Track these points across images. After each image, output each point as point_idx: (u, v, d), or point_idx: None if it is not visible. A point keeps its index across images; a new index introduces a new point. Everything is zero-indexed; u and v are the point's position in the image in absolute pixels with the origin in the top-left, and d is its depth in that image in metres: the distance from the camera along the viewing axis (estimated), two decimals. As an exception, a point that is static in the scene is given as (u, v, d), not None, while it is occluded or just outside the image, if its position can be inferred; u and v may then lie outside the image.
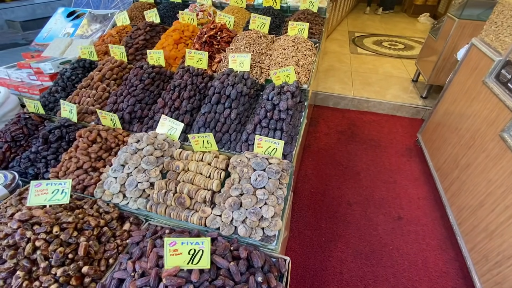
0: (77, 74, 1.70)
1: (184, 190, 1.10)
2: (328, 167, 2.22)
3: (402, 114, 2.92)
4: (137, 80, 1.53)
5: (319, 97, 3.06)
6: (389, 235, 1.72)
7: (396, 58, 4.10)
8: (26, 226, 0.92)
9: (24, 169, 1.30)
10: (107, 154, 1.29)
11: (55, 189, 1.04)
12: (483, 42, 1.75)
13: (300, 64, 1.56)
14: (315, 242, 1.66)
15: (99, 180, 1.21)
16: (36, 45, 2.29)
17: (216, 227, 1.03)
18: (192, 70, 1.53)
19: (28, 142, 1.42)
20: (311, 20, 1.87)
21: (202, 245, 0.78)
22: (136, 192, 1.14)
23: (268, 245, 0.99)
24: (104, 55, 1.85)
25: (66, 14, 2.40)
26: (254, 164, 1.11)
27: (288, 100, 1.31)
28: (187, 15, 1.90)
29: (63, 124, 1.39)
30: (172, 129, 1.35)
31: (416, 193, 2.01)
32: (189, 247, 0.78)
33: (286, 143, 1.25)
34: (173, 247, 0.77)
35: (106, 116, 1.38)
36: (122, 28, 2.02)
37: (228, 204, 1.03)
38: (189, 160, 1.22)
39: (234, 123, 1.35)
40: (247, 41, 1.65)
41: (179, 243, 0.78)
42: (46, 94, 1.64)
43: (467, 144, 1.69)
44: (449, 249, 1.64)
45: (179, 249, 0.78)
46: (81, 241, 0.93)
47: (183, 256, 0.78)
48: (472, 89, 1.75)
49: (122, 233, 1.04)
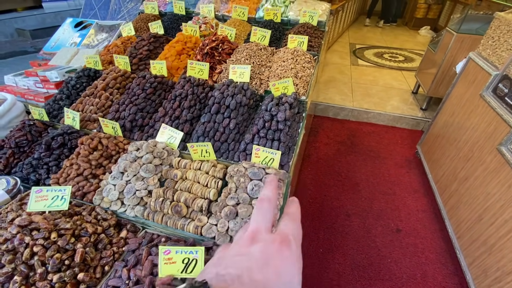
0: (81, 82, 1.74)
1: (181, 199, 1.12)
2: (327, 177, 2.23)
3: (402, 126, 2.94)
4: (139, 89, 1.57)
5: (319, 108, 3.09)
6: (388, 247, 1.71)
7: (396, 70, 4.14)
8: (25, 232, 0.94)
9: (26, 175, 1.32)
10: (107, 161, 1.31)
11: (55, 195, 1.06)
12: (480, 56, 1.78)
13: (299, 76, 1.59)
14: (312, 253, 1.65)
15: (99, 187, 1.23)
16: (44, 53, 2.35)
17: (212, 236, 1.03)
18: (193, 80, 1.57)
19: (32, 149, 1.45)
20: (311, 33, 1.92)
21: (196, 254, 0.79)
22: (134, 200, 1.15)
23: (263, 255, 0.99)
24: (109, 65, 1.89)
25: (74, 24, 2.48)
26: (251, 174, 1.12)
27: (286, 111, 1.34)
28: (190, 27, 1.96)
29: (66, 131, 1.42)
30: (172, 138, 1.37)
31: (415, 206, 2.00)
32: (183, 256, 0.79)
33: (283, 154, 1.26)
34: (167, 255, 0.78)
35: (108, 124, 1.41)
36: (127, 38, 2.08)
37: (224, 213, 1.04)
38: (187, 169, 1.24)
39: (233, 133, 1.38)
40: (248, 53, 1.70)
41: (173, 252, 0.79)
42: (51, 102, 1.68)
43: (465, 156, 1.69)
44: (449, 263, 1.62)
45: (173, 257, 0.78)
46: (78, 248, 0.94)
47: (177, 264, 0.79)
48: (470, 102, 1.76)
49: (119, 240, 1.05)
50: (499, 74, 1.53)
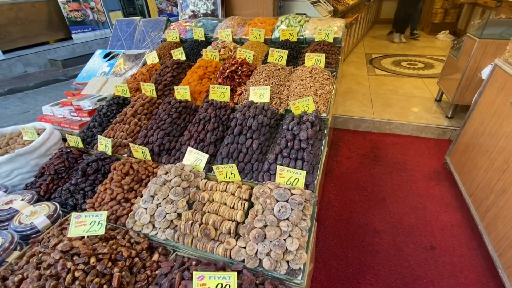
0: (112, 110, 1.86)
1: (210, 221, 1.14)
2: (352, 193, 2.18)
3: (427, 135, 2.84)
4: (165, 114, 1.65)
5: (339, 120, 3.06)
6: (422, 266, 1.62)
7: (416, 77, 4.05)
8: (67, 257, 1.00)
9: (65, 200, 1.41)
10: (138, 185, 1.37)
11: (93, 220, 1.12)
12: (507, 63, 1.71)
13: (318, 94, 1.60)
14: (341, 273, 1.60)
15: (131, 210, 1.28)
16: (77, 84, 2.54)
17: (241, 259, 1.04)
18: (215, 104, 1.63)
19: (69, 175, 1.55)
20: (327, 50, 1.94)
21: (228, 279, 0.80)
22: (165, 223, 1.19)
23: (294, 279, 0.98)
24: (136, 92, 2.01)
25: (103, 55, 2.67)
26: (277, 195, 1.13)
27: (308, 129, 1.35)
28: (210, 52, 2.05)
29: (99, 157, 1.52)
30: (198, 160, 1.42)
31: (449, 220, 1.89)
32: (217, 281, 0.80)
33: (308, 173, 1.27)
34: (201, 281, 0.80)
35: (137, 149, 1.49)
36: (151, 66, 2.21)
37: (252, 236, 1.05)
38: (214, 191, 1.27)
39: (256, 153, 1.40)
40: (266, 74, 1.74)
41: (207, 277, 0.80)
42: (85, 129, 1.81)
43: (500, 168, 1.60)
44: (491, 283, 1.51)
45: (207, 283, 0.80)
46: (115, 272, 0.98)
47: (211, 290, 0.80)
48: (501, 110, 1.69)
49: (152, 264, 1.08)
50: (531, 81, 1.46)
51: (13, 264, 1.09)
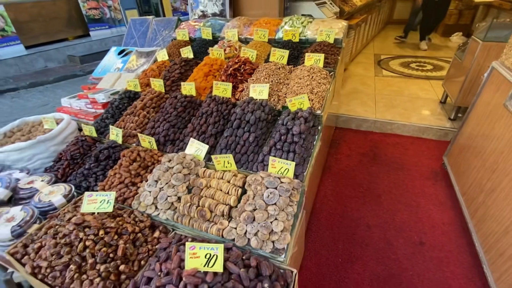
0: (123, 103, 2.01)
1: (206, 204, 1.26)
2: (348, 189, 2.25)
3: (428, 137, 2.87)
4: (171, 108, 1.78)
5: (341, 119, 3.13)
6: (410, 260, 1.69)
7: (423, 79, 4.04)
8: (80, 229, 1.14)
9: (79, 183, 1.57)
10: (144, 171, 1.51)
11: (103, 199, 1.26)
12: (503, 66, 1.75)
13: (314, 92, 1.69)
14: (331, 262, 1.69)
15: (137, 193, 1.42)
16: (93, 78, 2.72)
17: (231, 238, 1.15)
18: (218, 99, 1.75)
19: (83, 160, 1.71)
20: (327, 50, 2.02)
21: (216, 250, 0.92)
22: (166, 205, 1.32)
23: (277, 257, 1.09)
24: (146, 87, 2.16)
25: (118, 52, 2.84)
26: (267, 183, 1.24)
27: (301, 125, 1.45)
28: (216, 50, 2.17)
29: (110, 146, 1.66)
30: (199, 150, 1.54)
31: (441, 218, 1.95)
32: (206, 251, 0.92)
33: (298, 164, 1.36)
34: (193, 250, 0.92)
35: (145, 139, 1.63)
36: (161, 63, 2.35)
37: (242, 218, 1.16)
38: (211, 178, 1.38)
39: (252, 146, 1.51)
40: (267, 72, 1.85)
41: (198, 248, 0.92)
42: (98, 120, 1.96)
43: (491, 167, 1.65)
44: (476, 278, 1.56)
45: (197, 252, 0.92)
46: (120, 244, 1.12)
47: (201, 259, 0.92)
48: (494, 112, 1.73)
49: (153, 239, 1.22)
50: (522, 84, 1.50)
51: (33, 235, 1.24)
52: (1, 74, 6.36)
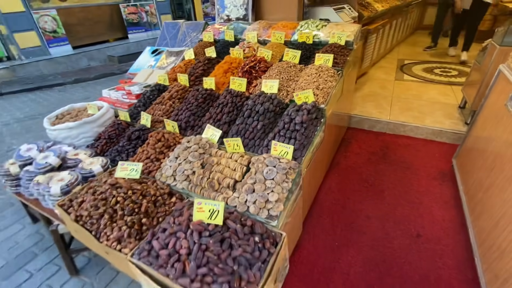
0: (154, 94, 2.31)
1: (215, 177, 1.48)
2: (353, 183, 2.36)
3: (442, 140, 2.87)
4: (193, 99, 2.04)
5: (354, 120, 3.22)
6: (404, 249, 1.78)
7: (445, 84, 3.99)
8: (113, 188, 1.41)
9: (113, 157, 1.87)
10: (167, 150, 1.77)
11: (132, 168, 1.53)
12: (508, 68, 1.80)
13: (320, 88, 1.86)
14: (328, 245, 1.83)
15: (160, 167, 1.68)
16: (129, 74, 3.09)
17: (234, 205, 1.36)
18: (233, 92, 1.98)
19: (118, 140, 2.02)
20: (337, 52, 2.18)
21: (218, 206, 1.13)
22: (183, 177, 1.56)
23: (271, 222, 1.27)
24: (174, 81, 2.45)
25: (151, 51, 3.20)
26: (268, 162, 1.43)
27: (303, 115, 1.63)
28: (236, 50, 2.41)
29: (141, 128, 1.95)
30: (213, 135, 1.77)
31: (442, 215, 2.00)
32: (209, 207, 1.13)
33: (297, 150, 1.54)
34: (199, 206, 1.14)
35: (169, 124, 1.90)
36: (188, 61, 2.64)
37: (244, 189, 1.36)
38: (222, 157, 1.61)
39: (259, 132, 1.71)
40: (279, 70, 2.04)
41: (203, 203, 1.14)
42: (132, 108, 2.28)
43: (490, 166, 1.70)
44: (467, 270, 1.62)
45: (203, 207, 1.13)
46: (143, 202, 1.37)
47: (205, 213, 1.14)
48: (497, 113, 1.78)
49: (170, 203, 1.46)
50: (521, 85, 1.56)
51: (76, 193, 1.54)
52: (52, 71, 7.17)
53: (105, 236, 1.28)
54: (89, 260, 1.98)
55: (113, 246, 1.25)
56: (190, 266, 1.02)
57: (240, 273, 1.02)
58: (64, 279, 1.85)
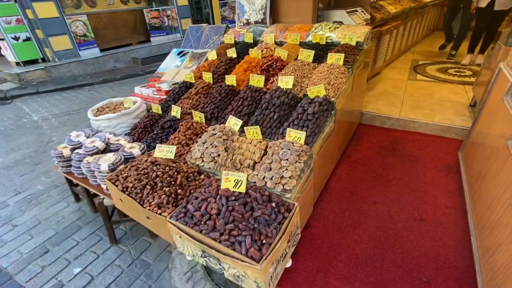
0: (182, 90, 2.60)
1: (237, 159, 1.73)
2: (362, 173, 2.54)
3: (451, 136, 2.99)
4: (217, 94, 2.31)
5: (366, 117, 3.38)
6: (407, 230, 1.95)
7: (458, 84, 4.06)
8: (153, 165, 1.69)
9: (149, 143, 2.16)
10: (195, 137, 2.04)
11: (167, 149, 1.81)
12: (507, 66, 1.93)
13: (331, 84, 2.07)
14: (336, 225, 2.03)
15: (189, 151, 1.95)
16: (158, 73, 3.42)
17: (253, 181, 1.60)
18: (252, 88, 2.22)
19: (152, 129, 2.31)
20: (348, 51, 2.37)
21: (241, 177, 1.37)
22: (209, 158, 1.81)
23: (285, 195, 1.50)
24: (199, 79, 2.73)
25: (177, 53, 3.51)
26: (283, 145, 1.66)
27: (315, 107, 1.85)
28: (255, 51, 2.66)
29: (172, 119, 2.24)
30: (235, 125, 2.02)
31: (445, 203, 2.15)
32: (234, 177, 1.38)
33: (309, 136, 1.76)
34: (226, 176, 1.39)
35: (196, 115, 2.17)
36: (211, 61, 2.92)
37: (262, 168, 1.60)
38: (243, 142, 1.85)
39: (275, 122, 1.94)
40: (294, 68, 2.27)
41: (230, 175, 1.38)
42: (163, 102, 2.58)
43: (487, 156, 1.85)
44: (464, 250, 1.77)
45: (229, 178, 1.38)
46: (178, 177, 1.64)
47: (231, 182, 1.38)
48: (495, 108, 1.92)
49: (199, 179, 1.72)
50: (517, 80, 1.70)
51: (121, 170, 1.83)
52: (81, 71, 7.73)
53: (147, 203, 1.56)
54: (125, 233, 2.28)
55: (154, 211, 1.52)
56: (220, 222, 1.27)
57: (260, 229, 1.26)
58: (105, 247, 2.16)
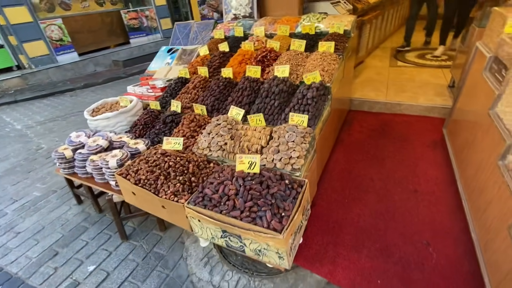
0: (178, 86, 2.63)
1: (245, 145, 1.80)
2: (357, 154, 2.69)
3: (434, 115, 3.20)
4: (216, 86, 2.36)
5: (355, 103, 3.54)
6: (404, 201, 2.10)
7: (436, 68, 4.32)
8: (164, 156, 1.73)
9: (152, 139, 2.18)
10: (199, 128, 2.09)
11: (175, 141, 1.85)
12: (484, 45, 2.12)
13: (325, 70, 2.18)
14: (339, 202, 2.15)
15: (195, 142, 2.00)
16: (148, 72, 3.41)
17: (263, 164, 1.68)
18: (250, 78, 2.30)
19: (152, 125, 2.34)
20: (337, 39, 2.49)
21: (255, 159, 1.45)
22: (216, 147, 1.87)
23: (295, 173, 1.59)
24: (193, 74, 2.76)
25: (167, 50, 3.51)
26: (288, 129, 1.75)
27: (313, 92, 1.95)
28: (247, 44, 2.73)
29: (173, 114, 2.27)
30: (237, 114, 2.09)
31: (435, 174, 2.32)
32: (248, 159, 1.45)
33: (311, 119, 1.86)
34: (241, 159, 1.46)
35: (198, 107, 2.21)
36: (203, 56, 2.96)
37: (270, 150, 1.68)
38: (247, 130, 1.92)
39: (276, 109, 2.03)
40: (288, 57, 2.36)
41: (244, 158, 1.46)
42: (160, 99, 2.60)
43: (472, 126, 2.03)
44: (458, 212, 1.94)
45: (243, 160, 1.46)
46: (190, 166, 1.69)
47: (245, 164, 1.46)
48: (476, 82, 2.10)
49: (209, 167, 1.78)
50: (492, 56, 1.88)
51: (129, 165, 1.85)
52: (61, 77, 7.47)
53: (163, 192, 1.60)
54: (134, 229, 2.30)
55: (171, 199, 1.57)
56: (239, 201, 1.35)
57: (278, 204, 1.34)
58: (116, 244, 2.17)
